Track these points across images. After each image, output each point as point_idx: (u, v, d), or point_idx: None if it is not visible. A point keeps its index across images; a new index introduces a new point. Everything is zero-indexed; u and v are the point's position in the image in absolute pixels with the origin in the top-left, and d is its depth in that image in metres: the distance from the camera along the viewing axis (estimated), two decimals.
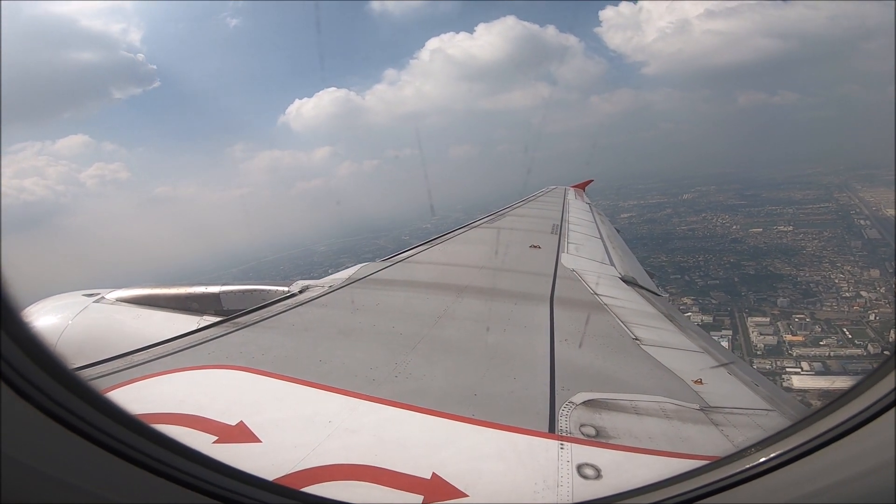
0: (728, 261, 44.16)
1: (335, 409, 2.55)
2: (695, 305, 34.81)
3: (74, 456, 0.92)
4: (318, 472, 1.98)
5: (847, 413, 1.12)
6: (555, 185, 19.02)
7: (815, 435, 1.16)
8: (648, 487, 1.48)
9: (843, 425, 1.11)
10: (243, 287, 5.19)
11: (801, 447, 1.16)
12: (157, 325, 4.49)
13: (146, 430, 1.05)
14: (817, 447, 1.14)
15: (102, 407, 0.98)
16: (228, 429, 2.30)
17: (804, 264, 41.54)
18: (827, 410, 1.18)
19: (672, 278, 40.30)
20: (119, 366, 3.01)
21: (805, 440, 1.17)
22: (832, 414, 1.15)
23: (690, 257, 45.70)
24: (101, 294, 4.96)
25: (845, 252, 42.39)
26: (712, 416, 2.58)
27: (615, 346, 3.67)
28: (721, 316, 33.24)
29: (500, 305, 4.65)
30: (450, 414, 2.50)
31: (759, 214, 56.95)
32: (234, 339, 3.59)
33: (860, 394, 1.11)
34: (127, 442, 0.97)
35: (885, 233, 43.64)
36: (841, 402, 1.15)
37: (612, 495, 1.64)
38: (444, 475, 1.98)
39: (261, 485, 1.30)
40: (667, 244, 50.50)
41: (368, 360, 3.22)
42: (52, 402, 0.88)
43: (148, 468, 1.00)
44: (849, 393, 1.15)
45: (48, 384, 0.88)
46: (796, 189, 64.77)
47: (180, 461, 1.07)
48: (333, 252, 53.57)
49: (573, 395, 2.72)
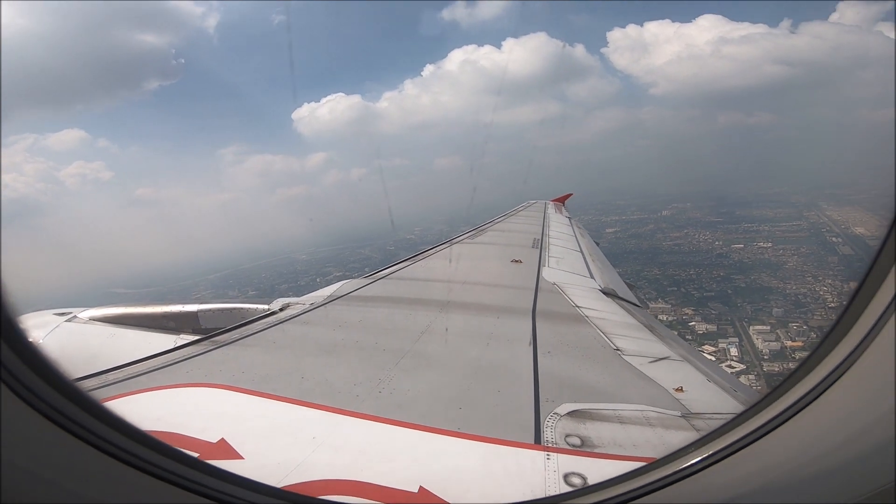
0: (718, 274, 45.21)
1: (319, 425, 2.51)
2: (697, 315, 35.58)
3: (72, 458, 0.92)
4: (304, 487, 1.94)
5: (767, 416, 1.20)
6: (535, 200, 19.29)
7: (738, 437, 1.23)
8: (593, 487, 1.52)
9: (763, 427, 1.19)
10: (222, 305, 5.10)
11: (727, 448, 1.24)
12: (132, 343, 4.36)
13: (144, 436, 1.05)
14: (742, 447, 1.22)
15: (100, 413, 0.97)
16: (209, 446, 2.24)
17: (789, 278, 42.93)
18: (747, 414, 1.27)
19: (669, 290, 41.22)
20: (93, 385, 2.91)
21: (728, 443, 1.25)
22: (755, 417, 1.24)
23: (682, 271, 46.59)
24: (74, 313, 4.81)
25: (824, 267, 43.93)
26: (693, 423, 2.62)
27: (597, 357, 3.71)
28: (724, 325, 33.98)
29: (484, 320, 4.67)
30: (435, 428, 2.49)
31: (737, 231, 58.71)
32: (213, 357, 3.51)
33: (780, 395, 1.20)
34: (126, 448, 0.97)
35: (857, 249, 45.49)
36: (761, 406, 1.23)
37: (557, 495, 1.67)
38: (431, 488, 1.96)
39: (252, 487, 1.29)
40: (657, 258, 51.54)
41: (352, 377, 3.19)
42: (49, 407, 0.88)
43: (147, 472, 1.00)
44: (768, 396, 1.24)
45: (45, 390, 0.88)
46: (768, 207, 67.03)
47: (175, 465, 1.07)
48: (317, 261, 52.86)
49: (557, 407, 2.73)
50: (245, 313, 4.96)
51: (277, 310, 4.94)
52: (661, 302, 37.02)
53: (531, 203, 18.58)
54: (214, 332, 4.09)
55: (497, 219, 13.88)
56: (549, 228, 12.19)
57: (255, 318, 4.60)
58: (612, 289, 6.68)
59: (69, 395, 0.91)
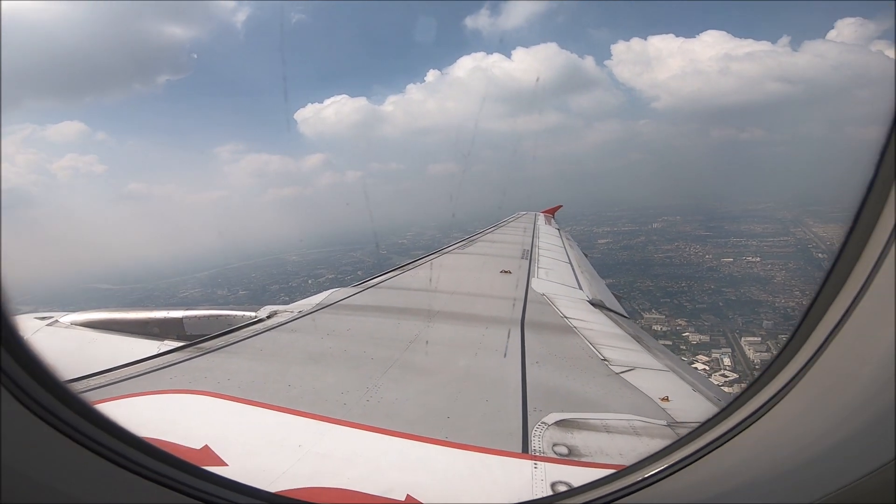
0: (709, 287, 45.81)
1: (305, 433, 2.48)
2: (690, 326, 35.95)
3: (65, 459, 0.91)
4: (290, 494, 1.92)
5: (736, 419, 1.25)
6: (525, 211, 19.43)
7: (699, 446, 1.30)
8: (566, 493, 1.55)
9: (720, 440, 1.25)
10: (208, 312, 5.04)
11: (701, 451, 1.30)
12: (115, 349, 4.28)
13: (135, 438, 1.05)
14: (700, 457, 1.28)
15: (92, 415, 0.97)
16: (192, 452, 2.20)
17: (778, 292, 43.60)
18: (719, 417, 1.32)
19: (662, 301, 41.70)
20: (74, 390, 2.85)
21: (701, 445, 1.31)
22: (725, 420, 1.29)
23: (674, 283, 47.13)
24: (55, 318, 4.71)
25: (812, 282, 44.54)
26: (679, 432, 2.64)
27: (585, 367, 3.73)
28: (716, 336, 34.37)
29: (472, 330, 4.67)
30: (423, 437, 2.48)
31: (726, 245, 59.69)
32: (197, 364, 3.46)
33: (748, 400, 1.25)
34: (116, 450, 0.96)
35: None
36: (730, 410, 1.29)
37: (537, 499, 1.69)
38: (418, 497, 1.95)
39: (242, 490, 1.28)
40: (649, 270, 52.14)
41: (339, 385, 3.17)
42: (43, 409, 0.87)
43: (137, 473, 0.99)
44: (726, 409, 1.30)
45: (39, 392, 0.87)
46: (756, 223, 68.23)
47: (164, 467, 1.07)
48: (308, 262, 52.28)
49: (545, 416, 2.74)
50: (231, 320, 4.90)
51: (265, 317, 4.89)
52: (654, 312, 37.40)
53: (521, 214, 18.71)
54: (199, 339, 4.04)
55: (487, 229, 13.95)
56: (538, 239, 12.27)
57: (242, 326, 4.55)
58: (601, 300, 6.73)
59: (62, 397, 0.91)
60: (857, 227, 0.98)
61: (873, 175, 0.95)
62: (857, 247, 0.98)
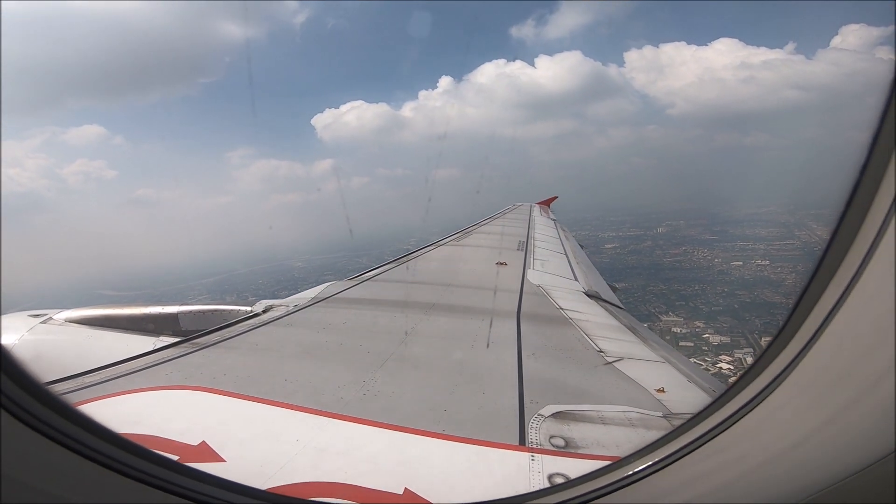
0: (722, 290, 45.82)
1: (302, 427, 2.48)
2: (709, 328, 36.02)
3: (49, 462, 0.91)
4: (287, 489, 1.92)
5: (714, 421, 1.27)
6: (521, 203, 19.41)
7: (695, 437, 1.32)
8: (556, 487, 1.56)
9: (711, 433, 1.27)
10: (203, 307, 5.01)
11: (678, 452, 1.34)
12: (110, 346, 4.26)
13: (121, 439, 1.05)
14: (692, 450, 1.31)
15: (74, 416, 0.96)
16: (190, 449, 2.20)
17: (791, 294, 43.61)
18: (697, 419, 1.35)
19: (677, 304, 41.61)
20: (68, 387, 2.84)
21: (679, 446, 1.35)
22: (703, 421, 1.31)
23: (687, 286, 47.06)
24: (49, 315, 4.67)
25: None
26: (675, 423, 2.66)
27: (581, 358, 3.75)
28: (736, 337, 34.50)
29: (468, 322, 4.68)
30: (420, 430, 2.49)
31: (733, 249, 59.68)
32: (193, 360, 3.45)
33: (728, 401, 1.26)
34: (101, 451, 0.96)
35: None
36: (720, 403, 1.31)
37: (519, 495, 1.71)
38: (416, 490, 1.96)
39: (233, 488, 1.28)
40: (660, 274, 52.15)
41: (336, 379, 3.17)
42: (26, 412, 0.87)
43: (125, 474, 0.99)
44: (715, 402, 1.32)
45: (21, 395, 0.86)
46: (760, 226, 68.17)
47: (153, 467, 1.06)
48: (314, 268, 52.14)
49: (542, 408, 2.75)
50: (227, 315, 4.89)
51: (260, 312, 4.88)
52: (672, 315, 37.40)
53: (517, 205, 18.69)
54: (195, 335, 4.02)
55: (483, 221, 13.93)
56: (534, 231, 12.27)
57: (238, 321, 4.54)
58: (596, 291, 6.75)
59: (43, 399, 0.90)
60: (847, 218, 0.98)
61: (861, 170, 0.95)
62: (846, 238, 0.99)
